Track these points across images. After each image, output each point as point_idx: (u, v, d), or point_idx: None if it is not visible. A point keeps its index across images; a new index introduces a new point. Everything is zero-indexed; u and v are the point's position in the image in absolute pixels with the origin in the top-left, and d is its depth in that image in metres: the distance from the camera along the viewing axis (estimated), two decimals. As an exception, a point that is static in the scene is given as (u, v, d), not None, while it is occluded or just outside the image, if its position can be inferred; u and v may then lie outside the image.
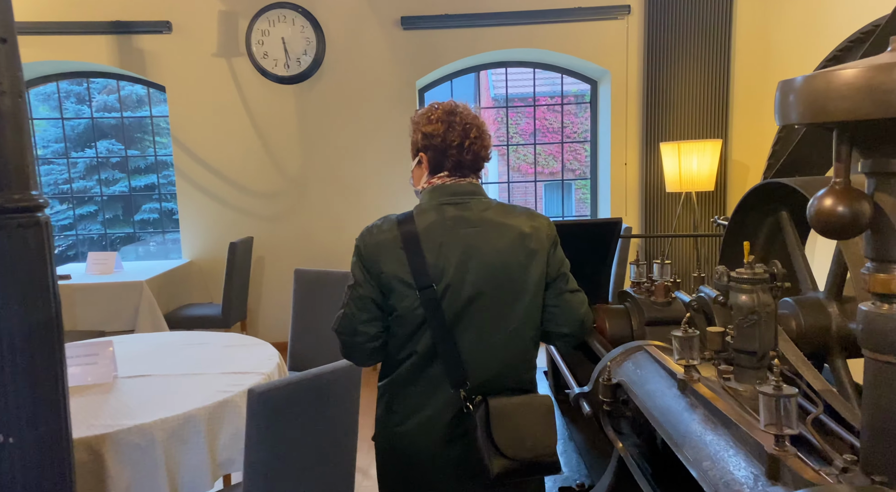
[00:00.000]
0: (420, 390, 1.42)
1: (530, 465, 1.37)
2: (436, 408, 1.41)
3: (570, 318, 1.54)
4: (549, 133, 13.06)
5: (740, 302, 1.82)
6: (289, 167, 4.92)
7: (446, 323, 1.38)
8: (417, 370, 1.42)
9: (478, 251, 1.42)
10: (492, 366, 1.44)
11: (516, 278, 1.45)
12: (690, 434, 1.43)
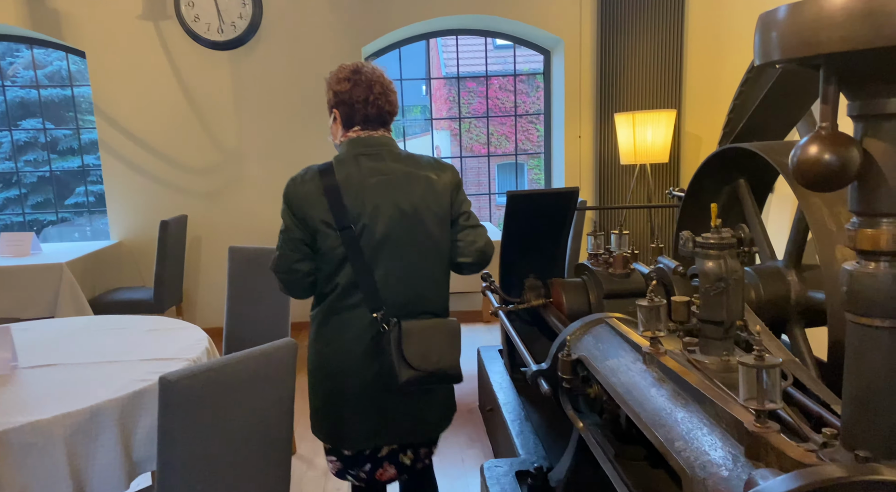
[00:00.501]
0: (344, 316, 1.63)
1: (434, 375, 1.61)
2: (358, 330, 1.63)
3: (472, 248, 1.72)
4: (502, 115, 12.91)
5: (707, 269, 1.70)
6: (225, 140, 4.61)
7: (364, 259, 1.60)
8: (341, 300, 1.63)
9: (390, 196, 1.62)
10: (404, 294, 1.65)
11: (424, 219, 1.65)
12: (659, 412, 1.31)
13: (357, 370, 1.64)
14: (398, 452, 1.74)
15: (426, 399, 1.72)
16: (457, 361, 1.66)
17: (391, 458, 1.73)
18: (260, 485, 1.50)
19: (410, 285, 1.66)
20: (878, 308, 1.08)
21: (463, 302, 4.76)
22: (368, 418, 1.66)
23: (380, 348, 1.61)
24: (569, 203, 2.71)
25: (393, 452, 1.73)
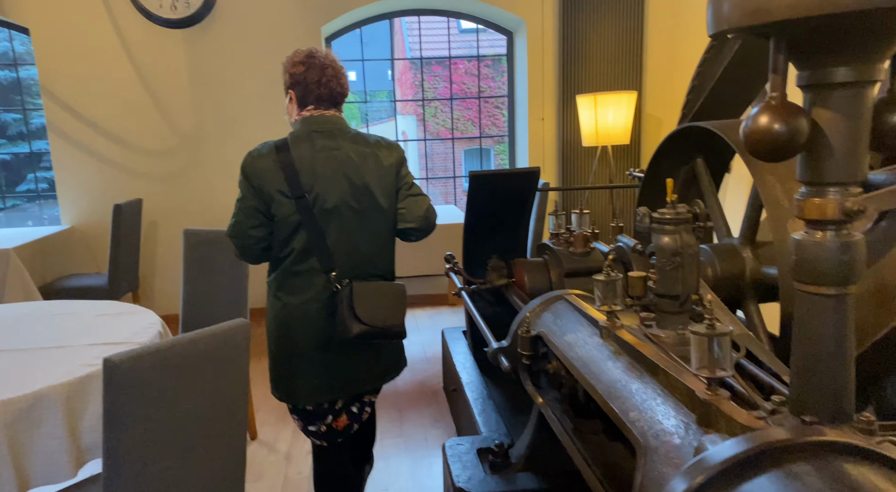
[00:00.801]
0: (299, 278, 1.78)
1: (382, 330, 1.77)
2: (312, 291, 1.77)
3: (415, 215, 1.88)
4: (468, 99, 12.86)
5: (662, 244, 1.72)
6: (181, 123, 4.47)
7: (317, 225, 1.74)
8: (296, 264, 1.77)
9: (341, 170, 1.78)
10: (355, 258, 1.81)
11: (372, 191, 1.81)
12: (614, 384, 1.32)
13: (312, 328, 1.78)
14: (350, 403, 1.92)
15: (376, 354, 1.88)
16: (402, 319, 1.83)
17: (346, 408, 1.90)
18: (215, 469, 1.46)
19: (360, 250, 1.81)
20: (824, 276, 1.10)
21: (428, 285, 4.75)
22: (323, 375, 1.80)
23: (332, 307, 1.76)
24: (530, 183, 2.71)
25: (346, 403, 1.90)
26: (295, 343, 1.79)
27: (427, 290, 4.76)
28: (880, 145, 1.06)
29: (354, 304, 1.73)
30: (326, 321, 1.78)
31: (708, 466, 0.84)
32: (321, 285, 1.77)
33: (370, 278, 1.83)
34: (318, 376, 1.80)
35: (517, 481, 1.79)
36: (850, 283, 1.10)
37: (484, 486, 1.78)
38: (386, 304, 1.79)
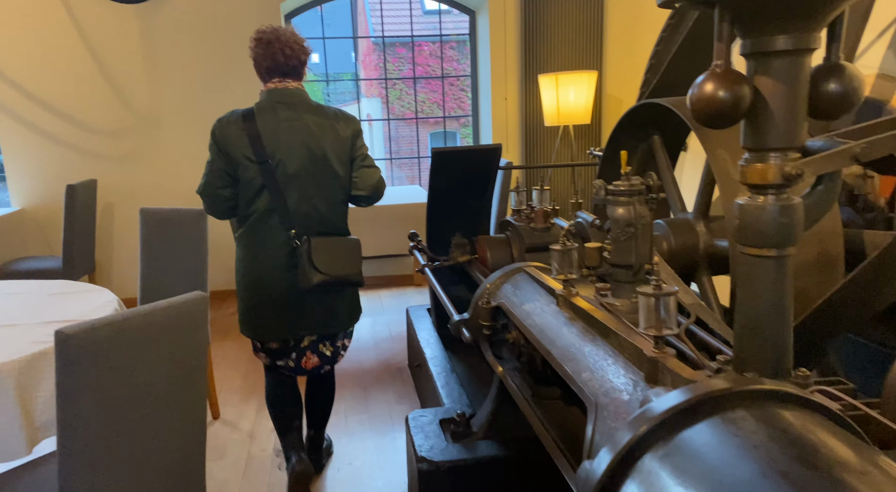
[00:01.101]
0: (263, 235, 1.99)
1: (340, 279, 1.99)
2: (275, 247, 1.98)
3: (367, 184, 2.07)
4: (433, 80, 12.77)
5: (617, 215, 1.76)
6: (136, 102, 4.34)
7: (279, 188, 1.94)
8: (260, 222, 1.99)
9: (301, 138, 1.96)
10: (313, 218, 2.01)
11: (329, 159, 2.00)
12: (569, 347, 1.36)
13: (276, 278, 1.99)
14: (318, 343, 2.10)
15: (336, 298, 2.08)
16: (358, 268, 2.06)
17: (312, 348, 2.10)
18: (174, 442, 1.46)
19: (317, 211, 2.01)
20: (765, 239, 1.15)
21: (393, 266, 4.75)
22: (288, 315, 2.01)
23: (294, 260, 1.97)
24: (492, 160, 2.73)
25: (313, 343, 2.09)
26: (260, 292, 2.01)
27: (393, 271, 4.77)
28: (817, 112, 1.10)
29: (313, 257, 1.94)
30: (288, 273, 1.99)
31: (651, 416, 0.88)
32: (282, 241, 1.98)
33: (326, 235, 2.02)
34: (283, 317, 2.02)
35: (478, 449, 1.83)
36: (789, 244, 1.15)
37: (446, 454, 1.81)
38: (342, 256, 2.01)
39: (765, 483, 0.71)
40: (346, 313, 2.13)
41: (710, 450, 0.80)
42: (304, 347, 2.09)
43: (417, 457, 1.82)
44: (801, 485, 0.69)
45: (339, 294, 2.09)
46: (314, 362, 2.11)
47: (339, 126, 2.02)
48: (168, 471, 1.44)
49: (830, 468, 0.72)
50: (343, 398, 2.85)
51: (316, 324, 2.06)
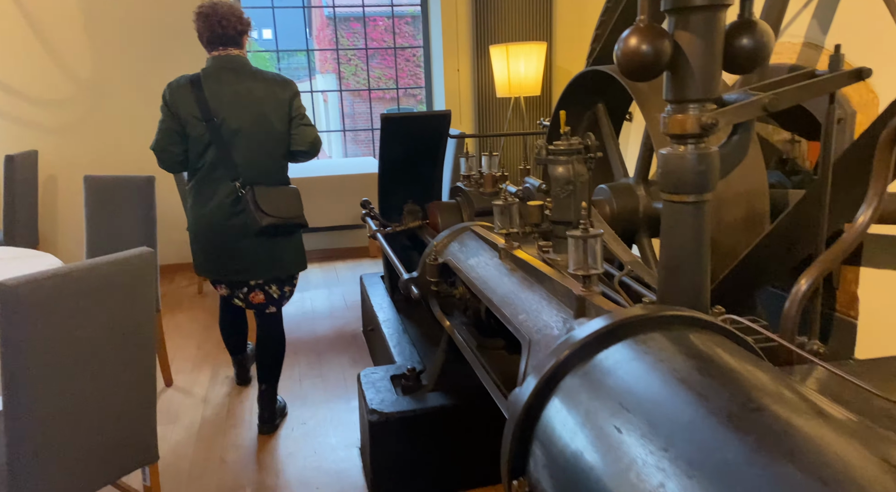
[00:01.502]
0: (211, 186, 2.20)
1: (285, 221, 2.22)
2: (222, 196, 2.20)
3: (304, 140, 2.27)
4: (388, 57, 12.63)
5: (557, 174, 1.84)
6: (79, 71, 4.19)
7: (224, 144, 2.17)
8: (208, 174, 2.21)
9: (242, 99, 2.18)
10: (255, 170, 2.22)
11: (268, 117, 2.21)
12: (508, 295, 1.43)
13: (224, 224, 2.21)
14: (264, 286, 2.34)
15: (280, 245, 2.29)
16: (300, 211, 2.30)
17: (261, 287, 2.34)
18: (123, 397, 1.47)
19: (259, 164, 2.23)
20: (685, 185, 1.23)
21: (349, 238, 4.77)
22: (236, 258, 2.24)
23: (238, 208, 2.20)
24: (442, 126, 2.77)
25: (259, 285, 2.33)
26: (210, 237, 2.23)
27: (349, 243, 4.78)
28: (731, 66, 1.19)
29: (259, 202, 2.17)
30: (234, 219, 2.21)
31: (572, 342, 0.96)
32: (228, 191, 2.19)
33: (267, 185, 2.24)
34: (234, 262, 2.25)
35: (427, 400, 1.90)
36: (707, 190, 1.24)
37: (396, 406, 1.88)
38: (285, 201, 2.24)
39: (665, 388, 0.79)
40: (291, 259, 2.34)
41: (622, 366, 0.88)
42: (253, 286, 2.33)
43: (368, 410, 1.88)
44: (698, 390, 0.78)
45: (284, 240, 2.29)
46: (260, 299, 2.35)
47: (277, 89, 2.23)
48: (118, 425, 1.46)
49: (723, 375, 0.80)
50: (297, 364, 2.88)
51: (261, 268, 2.28)
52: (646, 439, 0.73)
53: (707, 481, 0.63)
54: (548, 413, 0.93)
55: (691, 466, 0.66)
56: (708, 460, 0.65)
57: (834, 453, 0.61)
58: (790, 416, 0.69)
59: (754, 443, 0.65)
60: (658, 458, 0.70)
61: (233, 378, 2.75)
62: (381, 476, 1.89)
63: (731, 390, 0.76)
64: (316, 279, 4.18)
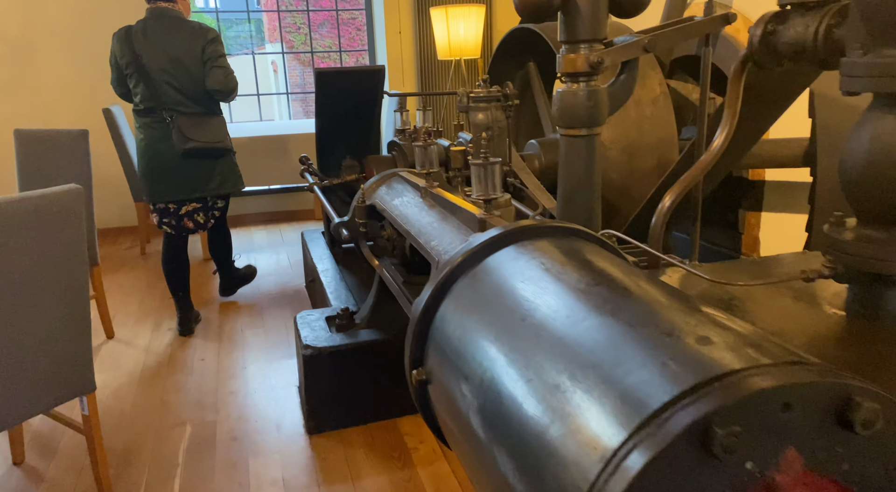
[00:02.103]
0: (145, 116, 2.67)
1: (208, 144, 2.66)
2: (155, 124, 2.66)
3: (214, 80, 2.64)
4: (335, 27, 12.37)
5: (477, 120, 1.95)
6: (6, 28, 4.05)
7: (151, 83, 2.62)
8: (143, 110, 2.67)
9: (165, 45, 2.61)
10: (180, 103, 2.65)
11: (184, 61, 2.63)
12: (425, 226, 1.55)
13: (160, 151, 2.65)
14: (200, 210, 2.78)
15: (209, 167, 2.72)
16: (222, 138, 2.72)
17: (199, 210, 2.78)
18: (58, 328, 1.53)
19: (181, 100, 2.65)
20: (577, 120, 1.37)
21: (295, 201, 4.80)
22: (175, 181, 2.67)
23: (169, 133, 2.62)
24: (376, 81, 2.84)
25: (196, 208, 2.77)
26: (150, 162, 2.67)
27: (294, 205, 4.81)
28: (618, 10, 1.31)
29: (182, 130, 2.59)
30: (167, 144, 2.62)
31: (467, 249, 1.08)
32: (160, 123, 2.63)
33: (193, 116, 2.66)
34: (171, 183, 2.66)
35: (359, 336, 2.02)
36: (597, 125, 1.38)
37: (329, 341, 1.99)
38: (207, 127, 2.66)
39: (532, 273, 0.93)
40: (218, 181, 2.76)
41: (504, 264, 1.01)
42: (188, 212, 2.76)
43: (303, 346, 1.99)
44: (556, 274, 0.91)
45: (213, 163, 2.73)
46: (191, 225, 2.79)
47: (193, 35, 2.62)
48: (52, 355, 1.52)
49: (582, 265, 0.94)
50: (240, 316, 2.95)
51: (197, 187, 2.70)
52: (509, 312, 0.86)
53: (551, 333, 0.77)
54: (440, 311, 1.06)
55: (542, 324, 0.80)
56: (556, 317, 0.79)
57: (647, 311, 0.76)
58: (623, 290, 0.83)
59: (590, 307, 0.79)
60: (517, 326, 0.83)
61: (175, 329, 2.80)
62: (316, 408, 2.00)
63: (583, 274, 0.90)
64: (260, 241, 4.21)
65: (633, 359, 0.68)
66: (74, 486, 1.78)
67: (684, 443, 0.57)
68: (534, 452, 0.71)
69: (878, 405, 0.58)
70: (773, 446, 0.59)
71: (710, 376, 0.61)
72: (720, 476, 0.58)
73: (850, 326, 0.89)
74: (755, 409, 0.57)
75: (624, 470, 0.58)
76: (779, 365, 0.62)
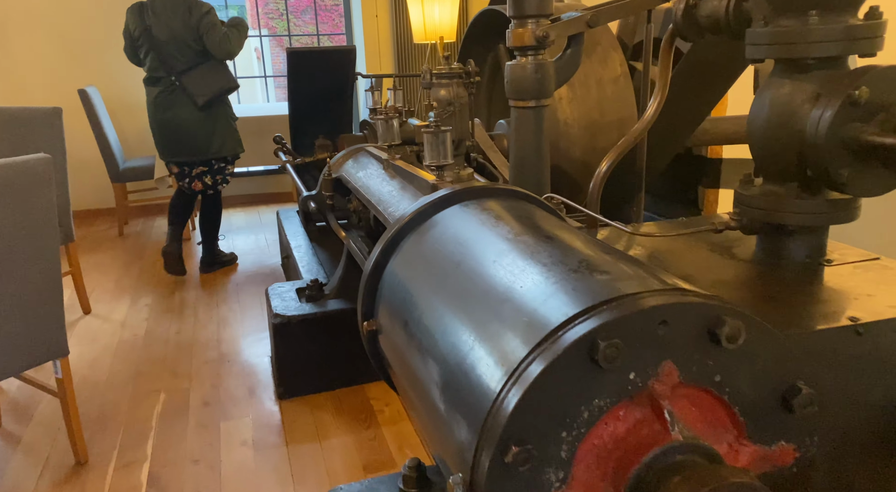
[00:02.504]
0: (154, 82, 3.07)
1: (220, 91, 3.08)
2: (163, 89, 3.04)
3: (211, 46, 3.00)
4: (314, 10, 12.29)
5: (439, 96, 2.02)
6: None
7: (160, 51, 3.00)
8: (151, 75, 3.07)
9: (169, 18, 2.97)
10: (183, 65, 3.03)
11: (181, 32, 2.98)
12: (384, 195, 1.62)
13: (167, 117, 3.03)
14: (202, 175, 3.15)
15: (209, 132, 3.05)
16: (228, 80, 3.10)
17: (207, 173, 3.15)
18: (29, 292, 1.59)
19: (183, 64, 3.01)
20: (526, 92, 1.45)
21: (274, 184, 4.84)
22: (180, 144, 3.06)
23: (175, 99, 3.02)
24: (347, 61, 2.89)
25: (203, 171, 3.15)
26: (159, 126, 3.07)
27: (274, 188, 4.85)
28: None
29: (189, 87, 2.99)
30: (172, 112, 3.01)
31: (414, 208, 1.16)
32: (167, 84, 3.02)
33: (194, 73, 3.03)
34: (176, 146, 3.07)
35: (328, 305, 2.10)
36: (544, 96, 1.46)
37: (298, 310, 2.06)
38: (213, 78, 3.04)
39: (469, 226, 1.01)
40: (218, 144, 3.08)
41: (447, 219, 1.09)
42: (194, 176, 3.14)
43: (273, 315, 2.06)
44: (491, 226, 0.99)
45: (213, 127, 3.07)
46: (200, 187, 3.17)
47: (191, 9, 2.97)
48: (24, 318, 1.58)
49: (517, 218, 1.02)
50: (216, 293, 3.01)
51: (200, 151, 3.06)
52: (446, 260, 0.94)
53: (478, 273, 0.85)
54: (389, 266, 1.13)
55: (472, 267, 0.88)
56: (483, 261, 0.87)
57: (561, 254, 0.84)
58: (545, 239, 0.91)
59: (513, 251, 0.87)
60: (452, 270, 0.91)
61: (150, 306, 2.86)
62: (287, 374, 2.08)
63: (514, 226, 0.98)
64: (239, 222, 4.26)
65: (543, 291, 0.77)
66: (50, 449, 1.84)
67: (574, 354, 0.65)
68: (456, 375, 0.79)
69: (741, 322, 0.67)
70: (652, 359, 0.67)
71: (601, 300, 0.69)
72: (607, 384, 0.67)
73: (752, 271, 0.99)
74: (635, 324, 0.66)
75: (524, 378, 0.67)
76: (659, 291, 0.70)
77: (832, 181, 0.88)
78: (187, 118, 2.99)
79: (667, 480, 0.65)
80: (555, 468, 0.67)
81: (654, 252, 1.12)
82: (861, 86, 0.83)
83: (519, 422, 0.65)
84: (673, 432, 0.68)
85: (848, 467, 0.83)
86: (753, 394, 0.71)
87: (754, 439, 0.73)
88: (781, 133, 0.92)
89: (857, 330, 0.78)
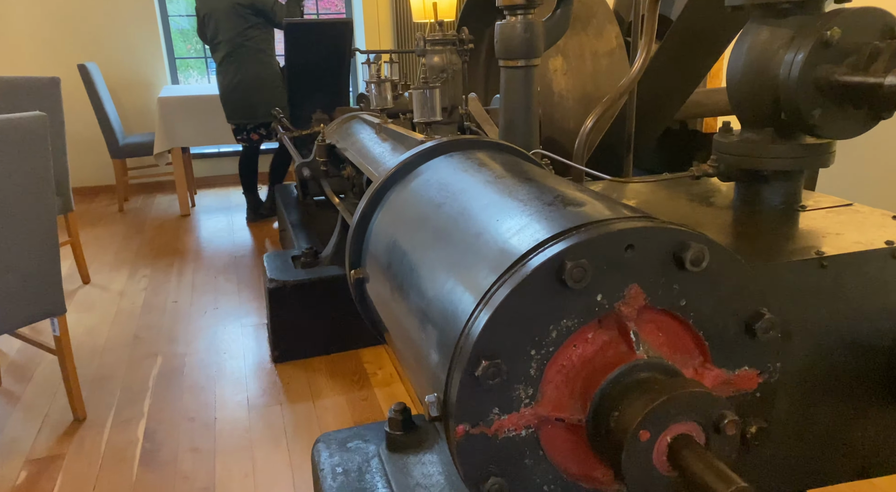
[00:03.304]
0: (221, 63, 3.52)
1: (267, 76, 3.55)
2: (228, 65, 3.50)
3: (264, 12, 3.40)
4: None
5: (433, 62, 2.03)
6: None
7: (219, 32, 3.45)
8: (215, 53, 3.54)
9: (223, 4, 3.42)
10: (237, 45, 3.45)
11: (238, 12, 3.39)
12: (377, 156, 1.64)
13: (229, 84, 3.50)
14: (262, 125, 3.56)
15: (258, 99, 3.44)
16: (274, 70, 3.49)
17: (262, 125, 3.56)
18: (25, 250, 1.61)
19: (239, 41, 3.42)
20: (515, 51, 1.46)
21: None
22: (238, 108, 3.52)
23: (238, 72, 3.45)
24: (344, 35, 2.90)
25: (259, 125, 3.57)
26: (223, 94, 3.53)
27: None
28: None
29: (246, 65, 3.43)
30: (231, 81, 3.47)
31: (404, 158, 1.18)
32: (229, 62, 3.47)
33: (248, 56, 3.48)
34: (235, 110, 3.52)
35: (322, 272, 2.12)
36: (533, 56, 1.47)
37: (293, 276, 2.09)
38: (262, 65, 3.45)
39: (453, 172, 1.03)
40: (263, 110, 3.43)
41: (431, 168, 1.11)
42: (251, 128, 3.58)
43: (268, 280, 2.09)
44: (474, 172, 1.01)
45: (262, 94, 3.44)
46: (256, 138, 3.62)
47: None
48: (22, 276, 1.61)
49: (500, 165, 1.04)
50: (213, 265, 3.04)
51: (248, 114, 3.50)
52: (428, 203, 0.97)
53: (458, 212, 0.87)
54: (375, 217, 1.16)
55: (452, 208, 0.90)
56: (464, 201, 0.90)
57: (537, 191, 0.86)
58: (524, 179, 0.93)
59: (492, 191, 0.89)
60: (434, 212, 0.93)
61: (149, 277, 2.89)
62: (281, 339, 2.11)
63: (495, 170, 1.00)
64: (239, 199, 4.28)
65: (517, 223, 0.79)
66: (49, 406, 1.88)
67: (541, 276, 0.67)
68: (433, 305, 0.82)
69: (704, 246, 0.69)
70: (619, 282, 0.70)
71: (569, 226, 0.72)
72: (575, 304, 0.69)
73: (729, 217, 1.01)
74: (602, 247, 0.68)
75: (493, 301, 0.69)
76: (627, 218, 0.72)
77: (805, 123, 0.90)
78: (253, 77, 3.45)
79: (629, 393, 0.68)
80: (524, 385, 0.70)
81: (635, 200, 1.15)
82: (833, 27, 0.84)
83: (488, 340, 0.68)
84: (638, 352, 0.71)
85: (812, 397, 0.85)
86: (718, 319, 0.73)
87: (719, 363, 0.75)
88: (758, 79, 0.94)
89: (822, 262, 0.80)
